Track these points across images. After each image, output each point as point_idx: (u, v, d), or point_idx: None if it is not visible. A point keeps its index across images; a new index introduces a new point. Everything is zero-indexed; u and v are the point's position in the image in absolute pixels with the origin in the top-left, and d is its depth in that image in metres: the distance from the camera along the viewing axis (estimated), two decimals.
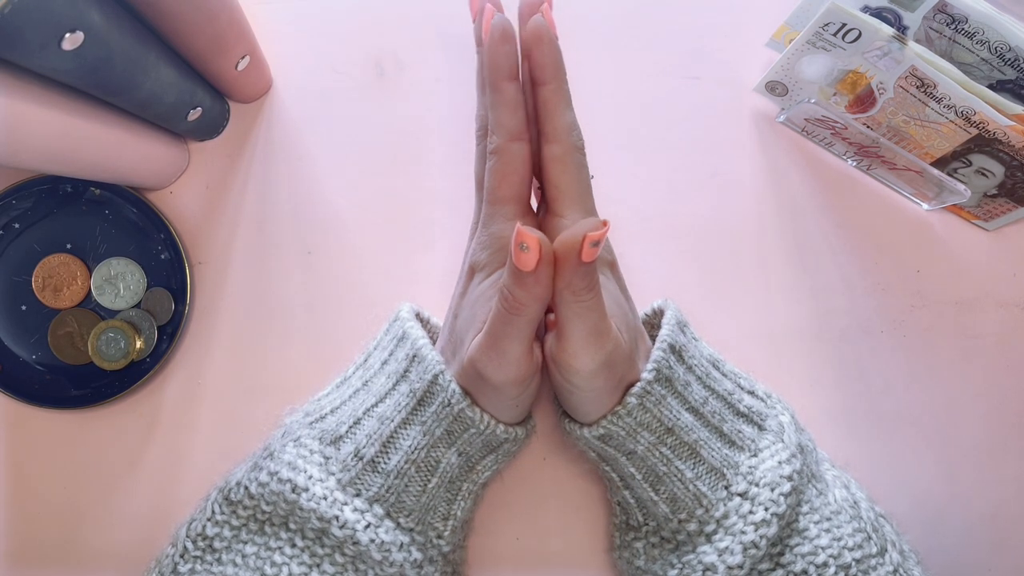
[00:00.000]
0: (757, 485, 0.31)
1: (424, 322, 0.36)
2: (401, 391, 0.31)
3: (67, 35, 0.25)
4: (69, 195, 0.39)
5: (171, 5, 0.31)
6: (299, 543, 0.31)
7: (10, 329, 0.39)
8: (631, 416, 0.30)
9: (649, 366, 0.30)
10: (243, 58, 0.37)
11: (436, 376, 0.30)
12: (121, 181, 0.38)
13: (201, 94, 0.37)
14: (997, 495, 0.40)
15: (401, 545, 0.31)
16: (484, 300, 0.30)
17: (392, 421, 0.31)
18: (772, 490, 0.30)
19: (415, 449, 0.31)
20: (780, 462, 0.31)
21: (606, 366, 0.29)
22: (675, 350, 0.32)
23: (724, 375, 0.34)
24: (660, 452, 0.31)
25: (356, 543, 0.30)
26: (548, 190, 0.32)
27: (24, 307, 0.39)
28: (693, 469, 0.31)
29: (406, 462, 0.31)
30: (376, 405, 0.32)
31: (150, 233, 0.40)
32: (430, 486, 0.31)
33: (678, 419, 0.31)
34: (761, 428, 0.33)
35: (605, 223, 0.26)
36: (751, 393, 0.34)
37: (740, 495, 0.31)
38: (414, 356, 0.32)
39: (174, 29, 0.32)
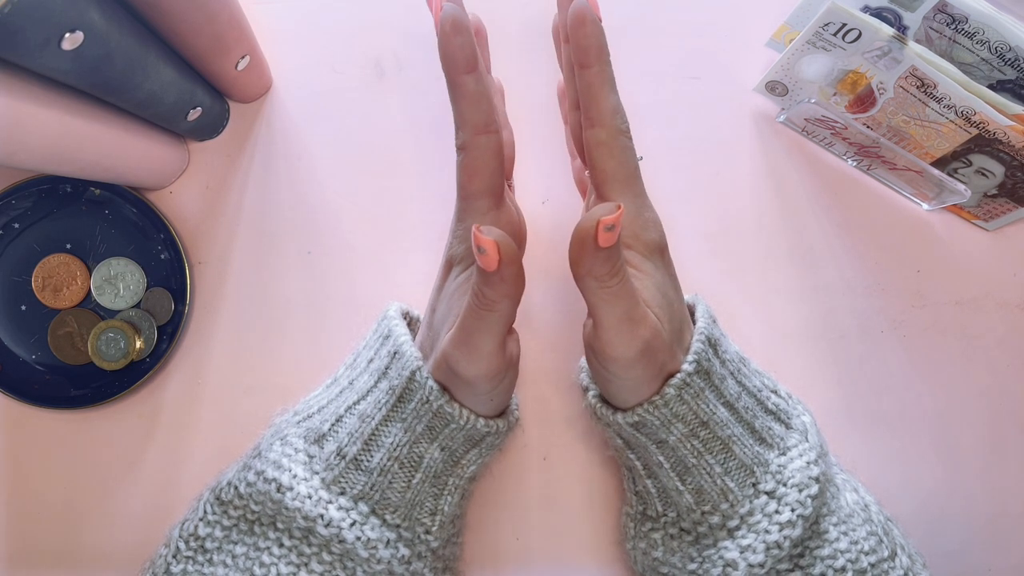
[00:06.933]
0: (785, 485, 0.30)
1: (413, 321, 0.36)
2: (381, 388, 0.31)
3: (67, 35, 0.25)
4: (69, 195, 0.39)
5: (171, 5, 0.31)
6: (286, 543, 0.31)
7: (10, 329, 0.39)
8: (668, 407, 0.30)
9: (690, 358, 0.30)
10: (243, 58, 0.37)
11: (414, 373, 0.30)
12: (121, 181, 0.38)
13: (201, 94, 0.37)
14: (998, 495, 0.40)
15: (388, 542, 0.31)
16: (459, 294, 0.30)
17: (373, 419, 0.31)
18: (800, 491, 0.30)
19: (397, 446, 0.31)
20: (808, 463, 0.31)
21: (644, 355, 0.28)
22: (712, 343, 0.31)
23: (751, 372, 0.34)
24: (692, 444, 0.31)
25: (342, 541, 0.30)
26: (594, 175, 0.31)
27: (24, 307, 0.39)
28: (723, 464, 0.31)
29: (389, 459, 0.31)
30: (358, 403, 0.32)
31: (150, 233, 0.40)
32: (414, 482, 0.31)
33: (714, 413, 0.31)
34: (788, 427, 0.33)
35: (620, 207, 0.26)
36: (775, 392, 0.34)
37: (767, 494, 0.31)
38: (395, 353, 0.32)
39: (174, 29, 0.32)
